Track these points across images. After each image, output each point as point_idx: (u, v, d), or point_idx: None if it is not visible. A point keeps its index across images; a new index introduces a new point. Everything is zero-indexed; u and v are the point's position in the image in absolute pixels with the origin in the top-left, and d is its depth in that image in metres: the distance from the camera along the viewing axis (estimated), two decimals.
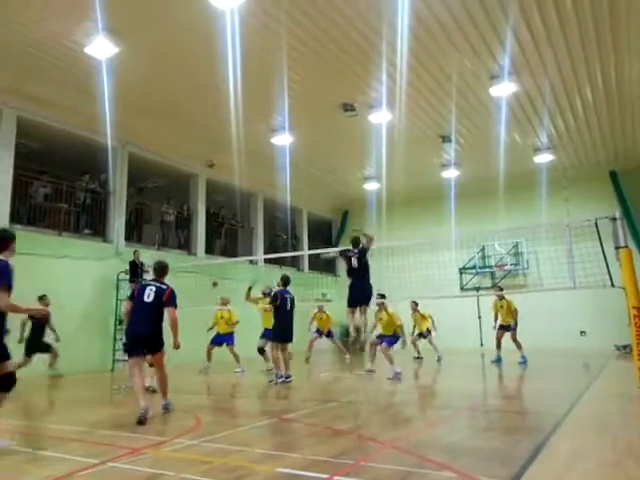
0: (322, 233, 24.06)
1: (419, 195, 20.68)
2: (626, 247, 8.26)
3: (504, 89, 12.35)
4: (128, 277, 13.24)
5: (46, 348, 10.46)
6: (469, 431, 5.50)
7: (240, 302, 12.09)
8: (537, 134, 15.79)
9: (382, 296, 10.65)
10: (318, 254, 16.16)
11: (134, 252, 13.46)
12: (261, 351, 11.40)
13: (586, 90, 12.83)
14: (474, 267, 20.11)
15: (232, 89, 11.57)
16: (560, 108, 13.87)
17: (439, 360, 13.44)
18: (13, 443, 4.75)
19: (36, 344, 10.19)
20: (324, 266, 22.04)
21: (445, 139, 15.74)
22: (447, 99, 13.13)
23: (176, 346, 6.25)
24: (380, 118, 13.70)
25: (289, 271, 20.47)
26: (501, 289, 13.61)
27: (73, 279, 12.54)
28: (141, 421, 5.60)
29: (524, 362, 12.18)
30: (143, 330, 6.18)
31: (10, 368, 4.56)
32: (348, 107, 13.31)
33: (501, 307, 12.82)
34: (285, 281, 9.75)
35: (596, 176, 18.35)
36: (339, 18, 9.71)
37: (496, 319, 12.95)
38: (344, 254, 9.27)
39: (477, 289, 19.45)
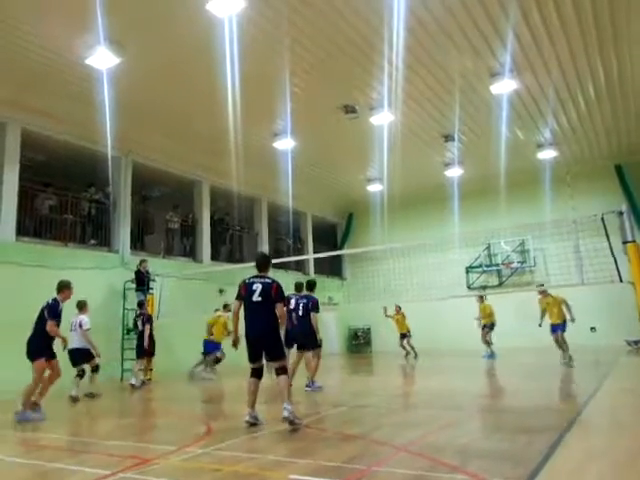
0: (327, 236, 24.04)
1: (423, 195, 20.64)
2: (634, 242, 8.22)
3: (505, 86, 12.32)
4: (135, 286, 13.26)
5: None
6: (481, 432, 5.47)
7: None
8: (540, 130, 15.74)
9: (540, 285, 11.86)
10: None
11: (140, 262, 13.45)
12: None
13: (588, 84, 12.78)
14: (480, 266, 20.05)
15: (233, 95, 11.60)
16: (562, 103, 13.82)
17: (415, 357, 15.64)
18: None
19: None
20: (330, 270, 22.04)
21: (448, 138, 15.72)
22: (448, 98, 13.10)
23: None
24: (382, 119, 13.69)
25: (294, 275, 20.48)
26: (482, 297, 15.37)
27: (80, 290, 12.43)
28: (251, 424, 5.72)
29: (489, 356, 14.34)
30: (259, 332, 5.86)
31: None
32: (349, 109, 13.31)
33: (484, 309, 14.73)
34: (297, 287, 9.54)
35: (601, 171, 18.25)
36: (339, 20, 9.71)
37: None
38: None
39: (484, 287, 19.38)
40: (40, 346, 7.07)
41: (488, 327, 14.62)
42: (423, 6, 9.36)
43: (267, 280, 6.00)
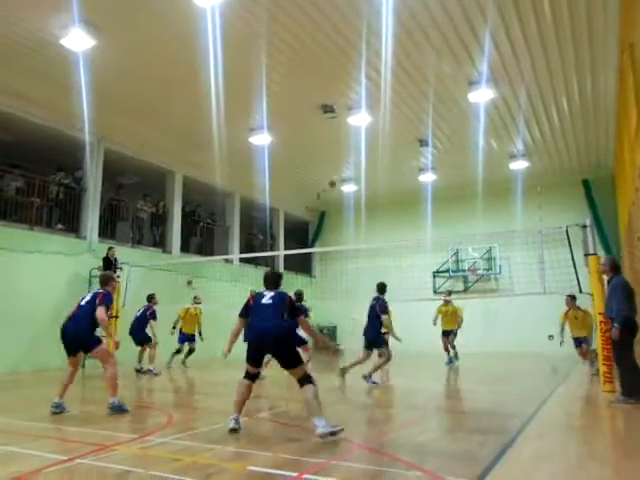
0: (298, 233, 24.07)
1: (396, 198, 20.84)
2: (595, 254, 8.46)
3: (482, 95, 12.50)
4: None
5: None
6: (439, 432, 5.59)
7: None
8: (513, 141, 16.06)
9: (573, 297, 10.72)
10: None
11: (109, 249, 13.27)
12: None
13: (562, 99, 13.09)
14: (447, 271, 20.35)
15: (211, 87, 11.53)
16: (536, 116, 14.13)
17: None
18: None
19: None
20: (299, 267, 22.07)
21: (423, 143, 15.89)
22: (426, 103, 13.24)
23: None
24: (359, 120, 13.76)
25: (264, 270, 20.42)
26: (450, 293, 14.39)
27: (45, 275, 12.32)
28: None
29: (451, 363, 13.07)
30: (266, 331, 5.10)
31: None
32: (328, 109, 13.35)
33: (446, 312, 13.26)
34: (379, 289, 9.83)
35: (569, 184, 18.72)
36: (319, 17, 9.69)
37: (435, 321, 13.50)
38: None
39: (449, 292, 19.68)
40: (93, 332, 6.42)
41: (455, 333, 13.34)
42: (405, 8, 9.44)
43: (280, 291, 5.49)
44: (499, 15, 9.64)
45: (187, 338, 12.80)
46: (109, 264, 12.97)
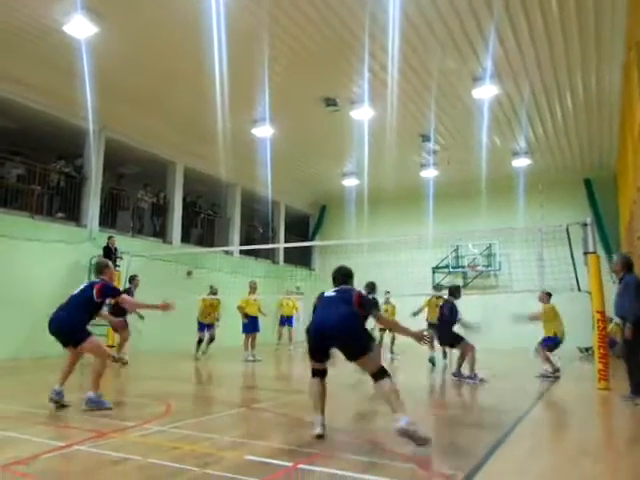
0: (300, 227, 24.09)
1: (398, 193, 20.82)
2: (594, 253, 8.48)
3: (486, 91, 12.45)
4: None
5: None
6: (434, 425, 5.61)
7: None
8: (516, 138, 16.02)
9: (549, 294, 10.04)
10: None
11: (109, 238, 13.31)
12: None
13: (566, 97, 13.05)
14: (447, 266, 20.37)
15: (215, 77, 11.48)
16: (540, 113, 14.09)
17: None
18: None
19: None
20: (299, 260, 22.11)
21: (425, 138, 15.84)
22: (429, 98, 13.18)
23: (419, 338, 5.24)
24: (362, 114, 13.73)
25: (264, 263, 20.48)
26: (441, 288, 13.89)
27: (45, 263, 12.34)
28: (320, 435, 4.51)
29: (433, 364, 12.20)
30: (327, 323, 4.58)
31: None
32: (330, 102, 13.31)
33: (436, 305, 12.23)
34: (451, 292, 10.07)
35: (571, 182, 18.70)
36: (324, 9, 9.63)
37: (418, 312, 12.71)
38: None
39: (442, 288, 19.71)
40: (83, 325, 5.90)
41: None
42: (412, 2, 9.34)
43: (347, 287, 5.03)
44: (505, 9, 9.56)
45: (206, 326, 13.00)
46: (109, 253, 13.01)
